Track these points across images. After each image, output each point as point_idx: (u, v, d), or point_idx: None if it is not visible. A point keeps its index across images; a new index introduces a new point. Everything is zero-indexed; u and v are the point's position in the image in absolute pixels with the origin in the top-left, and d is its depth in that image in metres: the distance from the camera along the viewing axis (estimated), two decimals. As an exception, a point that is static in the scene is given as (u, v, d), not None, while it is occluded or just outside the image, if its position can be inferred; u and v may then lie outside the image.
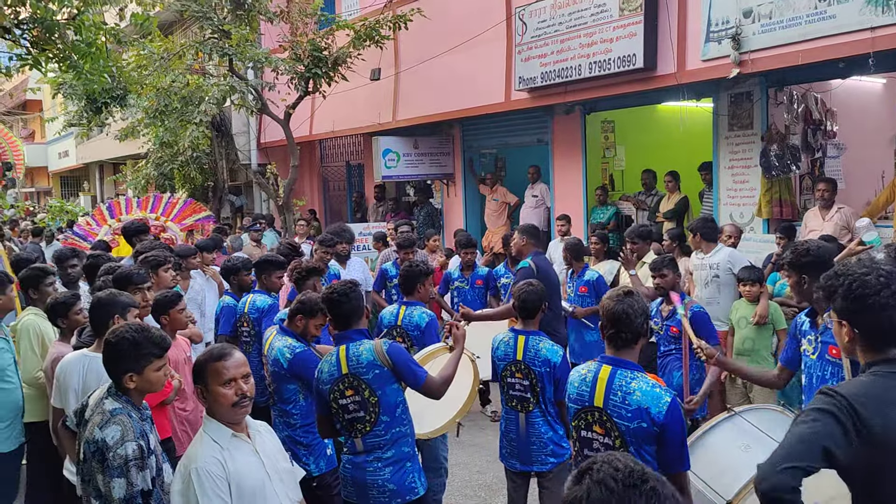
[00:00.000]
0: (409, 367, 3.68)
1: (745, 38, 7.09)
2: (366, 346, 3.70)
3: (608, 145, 11.22)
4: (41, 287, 5.10)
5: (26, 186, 32.32)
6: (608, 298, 3.12)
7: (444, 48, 10.58)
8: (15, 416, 4.66)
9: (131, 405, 3.06)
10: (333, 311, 3.83)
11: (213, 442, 2.81)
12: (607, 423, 3.03)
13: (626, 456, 1.59)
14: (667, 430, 2.91)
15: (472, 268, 7.51)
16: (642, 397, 2.95)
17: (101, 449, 2.90)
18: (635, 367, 3.08)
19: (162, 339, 3.15)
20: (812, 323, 3.74)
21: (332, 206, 16.20)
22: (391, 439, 3.67)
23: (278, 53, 11.93)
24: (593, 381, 3.09)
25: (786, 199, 7.92)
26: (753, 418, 3.38)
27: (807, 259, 3.69)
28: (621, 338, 3.07)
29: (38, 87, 10.84)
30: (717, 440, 3.27)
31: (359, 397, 3.65)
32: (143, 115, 13.21)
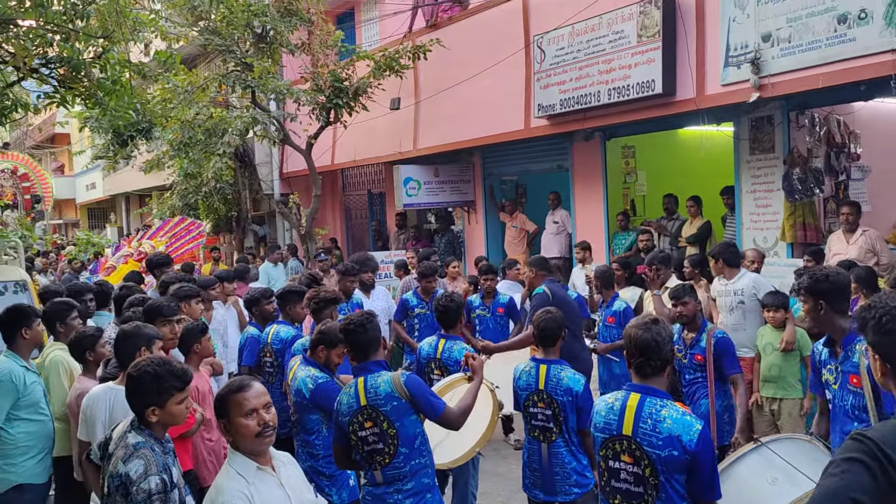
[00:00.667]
0: (427, 398, 3.65)
1: (764, 62, 7.08)
2: (384, 377, 3.68)
3: (629, 171, 11.20)
4: (68, 321, 5.15)
5: (54, 218, 32.87)
6: (635, 327, 3.10)
7: (463, 77, 10.66)
8: (48, 449, 4.70)
9: (154, 439, 3.07)
10: (351, 342, 3.83)
11: (238, 475, 2.79)
12: (636, 451, 2.99)
13: None
14: (698, 457, 2.88)
15: (493, 295, 7.46)
16: (673, 425, 2.92)
17: (125, 483, 2.91)
18: (664, 394, 3.05)
19: (184, 373, 3.16)
20: (831, 352, 3.68)
21: (355, 234, 16.28)
22: (410, 471, 3.64)
23: (300, 85, 12.09)
24: (621, 410, 3.06)
25: (810, 222, 7.84)
26: (781, 449, 3.31)
27: (824, 285, 3.62)
28: (650, 366, 3.05)
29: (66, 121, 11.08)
30: (744, 472, 3.21)
31: (377, 429, 3.63)
32: (168, 148, 13.42)
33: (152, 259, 7.81)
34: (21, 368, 4.57)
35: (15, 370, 4.53)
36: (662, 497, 2.94)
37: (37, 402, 4.63)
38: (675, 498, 2.94)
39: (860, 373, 3.45)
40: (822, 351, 3.75)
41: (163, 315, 4.69)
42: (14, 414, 4.53)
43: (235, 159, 14.78)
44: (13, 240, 7.30)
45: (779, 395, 5.99)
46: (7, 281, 6.64)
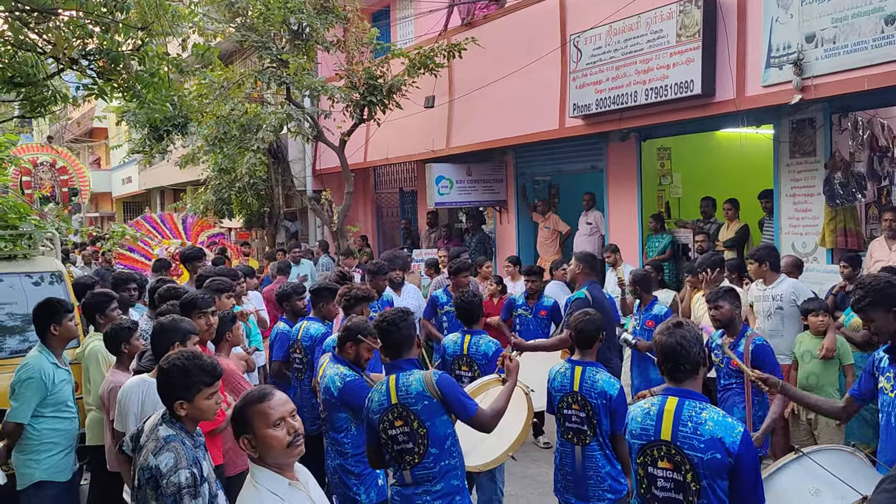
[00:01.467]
0: (459, 398, 3.61)
1: (807, 63, 6.92)
2: (416, 376, 3.64)
3: (664, 172, 11.04)
4: (107, 312, 5.19)
5: (91, 211, 33.40)
6: (660, 333, 3.06)
7: (498, 75, 10.61)
8: (71, 447, 4.73)
9: (185, 432, 3.07)
10: (384, 339, 3.80)
11: (271, 494, 2.63)
12: (676, 456, 2.92)
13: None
14: (741, 460, 2.81)
15: (537, 297, 7.40)
16: (715, 427, 2.86)
17: (155, 476, 2.91)
18: (702, 397, 2.99)
19: (213, 368, 3.13)
20: (892, 360, 3.57)
21: (386, 232, 16.30)
22: (440, 472, 3.60)
23: (334, 82, 12.12)
24: (658, 415, 3.00)
25: (850, 228, 7.65)
26: (823, 460, 3.21)
27: (892, 291, 3.50)
28: (681, 370, 3.00)
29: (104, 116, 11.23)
30: (786, 483, 3.11)
31: (408, 428, 3.60)
32: (203, 143, 13.54)
33: (186, 253, 7.86)
34: (51, 366, 4.59)
35: (45, 368, 4.56)
36: (704, 503, 2.86)
37: (64, 401, 4.66)
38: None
39: None
40: (884, 357, 3.63)
41: (198, 308, 4.71)
42: (40, 411, 4.55)
43: (269, 155, 14.88)
44: (50, 231, 7.38)
45: (817, 404, 5.85)
46: (43, 272, 6.72)
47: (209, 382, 3.09)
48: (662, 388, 3.15)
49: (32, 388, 4.50)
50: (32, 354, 4.67)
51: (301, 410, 5.60)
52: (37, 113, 6.14)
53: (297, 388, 5.64)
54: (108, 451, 4.72)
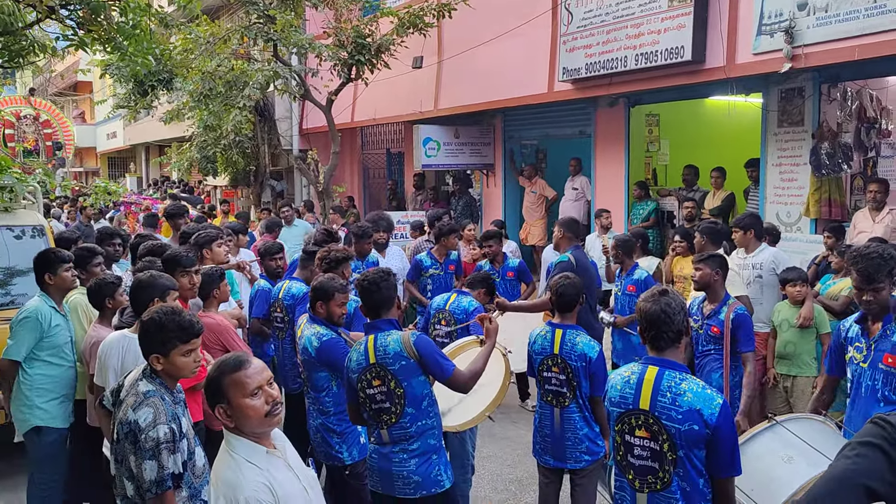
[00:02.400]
0: (436, 359, 3.61)
1: (798, 31, 6.88)
2: (393, 336, 3.65)
3: (652, 139, 11.03)
4: (89, 267, 5.17)
5: (75, 166, 33.01)
6: (644, 300, 3.03)
7: (487, 37, 10.48)
8: (68, 394, 4.75)
9: (164, 388, 3.07)
10: (364, 299, 3.80)
11: (250, 464, 2.50)
12: (654, 426, 2.92)
13: None
14: (719, 432, 2.81)
15: (501, 260, 7.41)
16: (694, 398, 2.85)
17: (134, 431, 2.91)
18: (683, 367, 2.99)
19: (190, 325, 3.10)
20: (863, 330, 3.61)
21: (372, 193, 16.23)
22: (417, 432, 3.63)
23: (322, 40, 11.94)
24: (638, 383, 2.99)
25: (835, 198, 7.69)
26: (796, 428, 3.25)
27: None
28: (664, 338, 2.98)
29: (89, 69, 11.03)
30: (759, 450, 3.13)
31: (385, 388, 3.62)
32: (189, 99, 13.36)
33: (169, 210, 7.80)
34: (49, 308, 4.67)
35: (42, 310, 4.63)
36: (681, 473, 2.88)
37: (59, 346, 4.70)
38: (692, 473, 2.87)
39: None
40: (852, 327, 3.68)
41: (182, 266, 4.68)
42: (35, 354, 4.62)
43: (255, 113, 14.72)
44: (31, 184, 7.28)
45: (793, 372, 5.94)
46: (25, 225, 6.65)
47: (185, 339, 3.07)
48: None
49: (28, 326, 4.56)
50: (32, 299, 4.76)
51: (283, 368, 5.66)
52: (15, 63, 6.02)
53: (278, 346, 5.65)
54: (88, 404, 4.73)
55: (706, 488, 2.89)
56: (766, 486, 3.03)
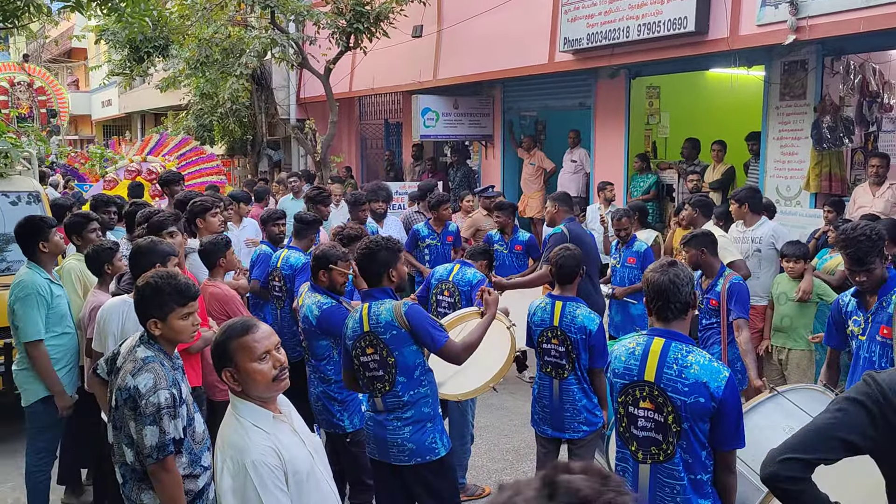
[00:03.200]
0: (427, 330, 3.59)
1: (803, 2, 6.80)
2: (386, 305, 3.64)
3: (652, 112, 10.95)
4: (84, 234, 5.14)
5: (70, 134, 32.77)
6: (652, 271, 2.99)
7: (487, 6, 10.36)
8: (74, 362, 4.73)
9: (163, 353, 3.06)
10: (360, 266, 3.78)
11: (257, 428, 2.52)
12: (659, 398, 2.89)
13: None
14: (725, 405, 2.79)
15: (511, 232, 7.36)
16: (700, 371, 2.82)
17: (134, 396, 2.90)
18: (689, 339, 2.95)
19: (187, 288, 3.09)
20: (860, 303, 3.62)
21: (370, 163, 16.14)
22: (410, 400, 3.63)
23: (320, 7, 11.80)
24: (643, 355, 2.95)
25: (836, 173, 7.66)
26: (797, 398, 3.25)
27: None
28: (671, 309, 2.93)
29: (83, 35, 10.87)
30: (761, 421, 3.11)
31: (378, 356, 3.63)
32: (185, 66, 13.22)
33: (164, 176, 7.73)
34: (45, 280, 4.58)
35: (39, 282, 4.54)
36: (684, 445, 2.86)
37: (63, 315, 4.66)
38: (695, 446, 2.85)
39: (893, 323, 3.39)
40: (850, 301, 3.69)
41: (164, 228, 4.65)
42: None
43: (252, 81, 14.59)
44: (27, 150, 7.21)
45: (788, 345, 5.97)
46: (20, 191, 6.60)
47: (182, 303, 3.06)
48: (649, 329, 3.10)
49: (31, 303, 4.47)
50: (22, 273, 4.62)
51: (282, 337, 5.63)
52: (9, 24, 5.91)
53: (276, 315, 5.64)
54: (86, 370, 4.72)
55: (708, 460, 2.88)
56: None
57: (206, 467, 3.12)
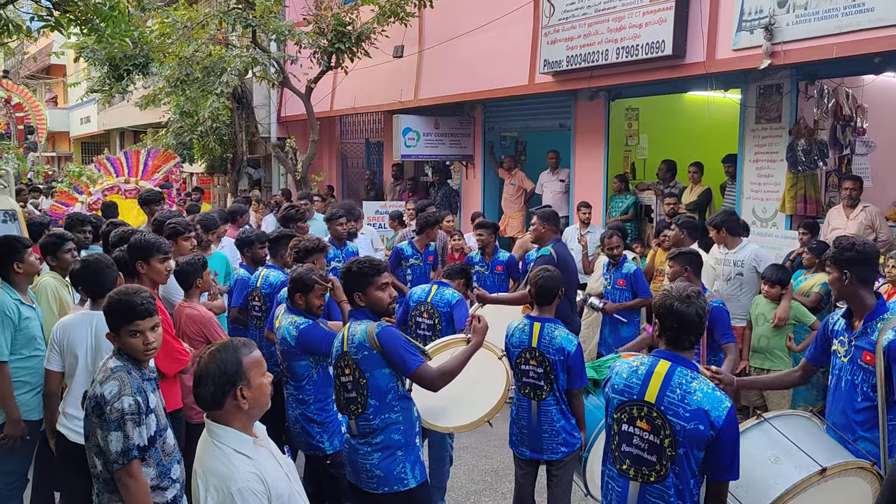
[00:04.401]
0: (399, 353, 3.52)
1: (778, 28, 6.92)
2: (362, 326, 3.63)
3: (631, 133, 11.07)
4: (59, 254, 5.08)
5: (47, 151, 32.52)
6: (678, 300, 2.92)
7: (469, 27, 10.45)
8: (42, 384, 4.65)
9: (133, 364, 3.11)
10: (346, 285, 3.79)
11: (240, 455, 2.49)
12: (658, 419, 2.88)
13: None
14: (723, 435, 2.79)
15: (492, 252, 7.41)
16: (703, 398, 2.82)
17: (100, 403, 2.96)
18: (694, 367, 2.95)
19: (138, 305, 3.12)
20: (847, 324, 3.64)
21: (350, 182, 16.14)
22: (380, 425, 3.59)
23: (302, 27, 11.84)
24: (647, 375, 2.94)
25: (811, 195, 7.76)
26: (783, 426, 3.25)
27: (850, 254, 3.58)
28: (688, 340, 2.94)
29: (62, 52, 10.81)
30: (746, 448, 3.05)
31: (352, 377, 3.62)
32: (165, 84, 13.18)
33: (144, 196, 7.69)
34: (14, 301, 4.47)
35: (7, 303, 4.43)
36: (676, 470, 2.85)
37: (33, 337, 4.55)
38: (687, 473, 2.85)
39: (876, 351, 3.41)
40: (839, 321, 3.71)
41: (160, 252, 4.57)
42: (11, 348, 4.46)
43: (233, 100, 14.57)
44: (3, 168, 7.15)
45: (766, 366, 6.02)
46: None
47: (130, 319, 3.10)
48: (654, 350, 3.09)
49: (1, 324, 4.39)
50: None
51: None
52: (-12, 42, 5.87)
53: (255, 335, 5.60)
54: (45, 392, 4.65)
55: (696, 488, 2.88)
56: (751, 485, 3.02)
57: (175, 480, 3.15)
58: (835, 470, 3.03)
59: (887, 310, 3.58)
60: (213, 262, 6.61)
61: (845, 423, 3.55)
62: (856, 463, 3.14)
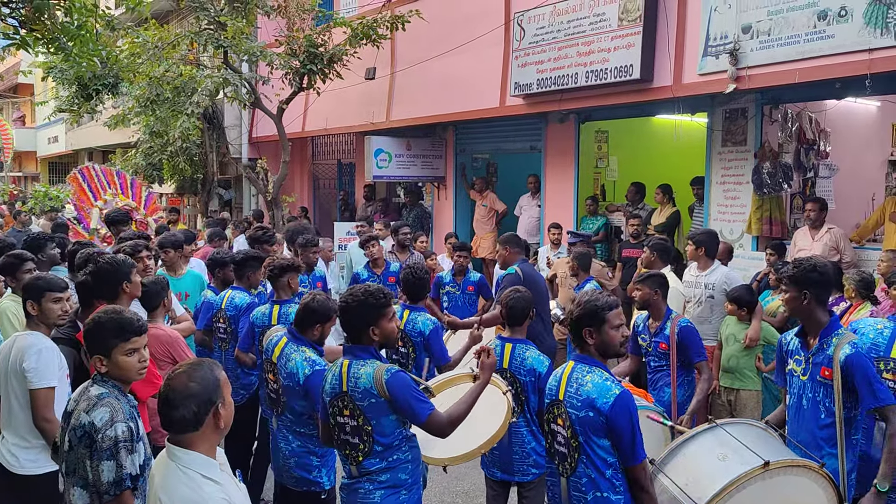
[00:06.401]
0: (409, 403, 3.27)
1: (742, 53, 7.07)
2: (367, 369, 3.33)
3: (601, 155, 11.20)
4: (18, 274, 4.99)
5: (14, 171, 32.01)
6: (576, 306, 3.34)
7: (440, 50, 10.53)
8: None
9: (118, 390, 2.94)
10: (343, 319, 3.48)
11: (207, 480, 2.42)
12: (563, 414, 3.23)
13: None
14: (613, 421, 3.04)
15: (463, 273, 7.43)
16: (592, 388, 3.13)
17: (89, 432, 2.77)
18: (596, 363, 3.24)
19: (129, 322, 2.99)
20: (802, 343, 3.71)
21: (322, 204, 16.10)
22: (387, 466, 3.37)
23: (274, 48, 11.84)
24: (559, 377, 3.33)
25: (776, 217, 7.90)
26: (734, 430, 3.35)
27: (813, 276, 3.65)
28: (578, 338, 3.32)
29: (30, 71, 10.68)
30: (696, 449, 3.30)
31: (354, 422, 3.35)
32: (134, 104, 13.08)
33: (112, 216, 7.60)
34: None
35: None
36: (584, 459, 3.13)
37: None
38: (596, 461, 3.11)
39: (833, 365, 3.49)
40: (793, 341, 3.79)
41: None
42: None
43: (204, 120, 14.48)
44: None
45: (735, 385, 6.05)
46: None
47: (125, 337, 2.96)
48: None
49: None
50: None
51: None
52: (-47, 62, 5.79)
53: (220, 356, 5.52)
54: None
55: (616, 479, 3.10)
56: (699, 480, 3.17)
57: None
58: (778, 465, 3.11)
59: (840, 326, 3.72)
60: (185, 282, 6.55)
61: (811, 441, 3.61)
62: (802, 461, 3.22)
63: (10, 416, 3.79)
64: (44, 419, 3.67)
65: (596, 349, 3.26)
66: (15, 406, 3.77)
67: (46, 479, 3.72)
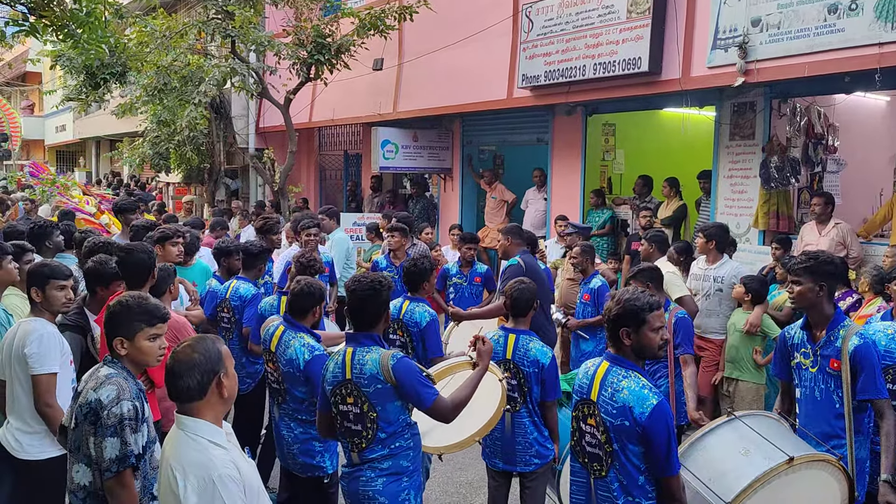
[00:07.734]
0: (415, 388, 3.31)
1: (752, 46, 7.03)
2: (373, 355, 3.37)
3: (608, 148, 11.16)
4: (20, 264, 5.00)
5: (21, 159, 32.11)
6: (612, 301, 3.19)
7: (448, 41, 10.50)
8: None
9: (127, 372, 3.01)
10: (351, 307, 3.51)
11: (215, 445, 2.51)
12: (597, 416, 3.10)
13: None
14: (649, 431, 2.92)
15: (471, 264, 7.45)
16: (629, 396, 2.99)
17: (95, 409, 2.83)
18: (631, 365, 3.10)
19: (156, 308, 3.08)
20: (809, 336, 3.71)
21: (328, 194, 16.11)
22: (389, 453, 3.40)
23: (281, 38, 11.84)
24: (592, 376, 3.19)
25: (783, 211, 7.87)
26: (753, 423, 3.35)
27: (830, 268, 3.68)
28: (615, 337, 3.15)
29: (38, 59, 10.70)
30: (718, 443, 3.27)
31: (357, 409, 3.38)
32: (142, 93, 13.11)
33: (120, 204, 7.62)
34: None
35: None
36: (616, 465, 3.03)
37: None
38: (629, 468, 3.01)
39: (841, 357, 3.51)
40: (797, 334, 3.79)
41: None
42: None
43: (211, 110, 14.50)
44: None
45: (734, 375, 6.11)
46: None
47: (151, 322, 3.04)
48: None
49: None
50: None
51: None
52: (-39, 49, 5.81)
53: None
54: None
55: (648, 485, 3.00)
56: (723, 476, 3.14)
57: (156, 496, 3.00)
58: (802, 460, 3.13)
59: (845, 318, 3.75)
60: (194, 271, 6.58)
61: (829, 432, 3.63)
62: (822, 456, 3.25)
63: (14, 402, 3.82)
64: (45, 404, 3.70)
65: (632, 350, 3.10)
66: (19, 391, 3.81)
67: (49, 464, 3.74)
